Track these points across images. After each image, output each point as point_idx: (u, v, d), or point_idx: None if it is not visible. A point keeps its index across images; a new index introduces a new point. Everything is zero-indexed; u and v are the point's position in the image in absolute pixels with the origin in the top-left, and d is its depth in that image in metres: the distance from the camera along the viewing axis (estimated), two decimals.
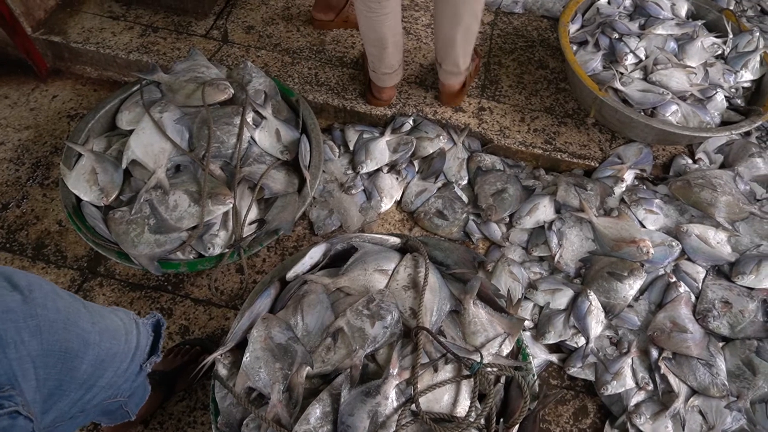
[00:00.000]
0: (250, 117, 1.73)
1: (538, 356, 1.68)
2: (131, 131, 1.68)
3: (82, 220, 1.57)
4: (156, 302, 1.69)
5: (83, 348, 0.86)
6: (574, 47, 2.22)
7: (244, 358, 1.14)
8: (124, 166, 1.64)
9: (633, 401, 1.60)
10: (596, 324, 1.67)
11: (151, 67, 1.84)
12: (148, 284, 1.73)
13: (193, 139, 1.68)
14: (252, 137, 1.73)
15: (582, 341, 1.68)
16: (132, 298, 1.69)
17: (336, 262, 1.37)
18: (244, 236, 1.59)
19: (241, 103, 1.74)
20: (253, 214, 1.65)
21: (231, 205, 1.58)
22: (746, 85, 2.21)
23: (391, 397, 1.09)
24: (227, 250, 1.58)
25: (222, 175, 1.66)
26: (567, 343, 1.69)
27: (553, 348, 1.72)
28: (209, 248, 1.56)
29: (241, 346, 1.20)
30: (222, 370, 1.19)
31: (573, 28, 2.27)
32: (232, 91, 1.76)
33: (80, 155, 1.67)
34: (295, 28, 2.33)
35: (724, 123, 2.08)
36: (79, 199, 1.62)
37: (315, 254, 1.33)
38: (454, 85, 2.03)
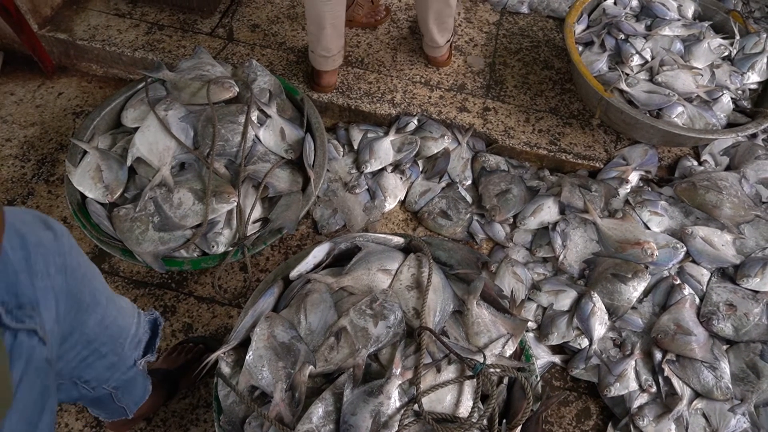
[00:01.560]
0: (254, 115, 1.74)
1: (541, 357, 1.68)
2: (136, 129, 1.68)
3: (87, 217, 1.58)
4: (160, 300, 1.69)
5: (93, 305, 0.89)
6: (580, 48, 2.22)
7: (247, 357, 1.14)
8: (128, 163, 1.64)
9: (636, 403, 1.59)
10: (600, 326, 1.67)
11: (156, 65, 1.84)
12: (152, 281, 1.73)
13: (197, 137, 1.69)
14: (256, 136, 1.73)
15: (585, 343, 1.67)
16: (136, 296, 1.70)
17: (339, 261, 1.37)
18: (247, 235, 1.59)
19: (245, 101, 1.74)
20: (257, 212, 1.65)
21: (235, 204, 1.58)
22: (753, 87, 2.20)
23: (393, 397, 1.09)
24: (231, 248, 1.58)
25: (226, 173, 1.66)
26: (570, 344, 1.69)
27: (557, 349, 1.71)
28: (213, 246, 1.57)
29: (245, 344, 1.20)
30: (225, 369, 1.19)
31: (579, 28, 2.27)
32: (237, 89, 1.76)
33: (85, 152, 1.68)
34: (300, 26, 2.33)
35: (731, 125, 2.07)
36: (84, 196, 1.63)
37: (318, 253, 1.33)
38: (437, 57, 2.22)
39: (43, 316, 0.72)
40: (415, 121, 2.08)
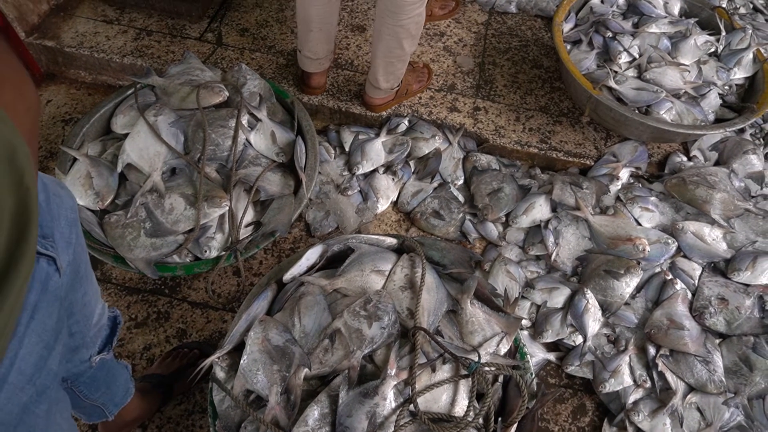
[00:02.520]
0: (245, 119, 1.73)
1: (536, 355, 1.68)
2: (126, 135, 1.68)
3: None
4: (153, 306, 1.69)
5: (83, 278, 0.90)
6: (568, 46, 2.23)
7: (242, 361, 1.14)
8: (119, 170, 1.63)
9: (631, 399, 1.60)
10: (593, 322, 1.67)
11: (145, 71, 1.83)
12: (144, 288, 1.72)
13: (188, 142, 1.68)
14: (247, 140, 1.73)
15: (579, 339, 1.68)
16: (129, 302, 1.69)
17: (333, 263, 1.37)
18: (240, 239, 1.59)
19: (236, 105, 1.74)
20: (249, 216, 1.65)
21: (227, 208, 1.58)
22: (739, 82, 2.22)
23: (389, 398, 1.09)
24: (224, 252, 1.57)
25: (218, 177, 1.66)
26: (565, 341, 1.69)
27: (551, 347, 1.72)
28: (206, 251, 1.56)
29: (239, 348, 1.19)
30: (220, 373, 1.19)
31: (567, 27, 2.28)
32: (227, 93, 1.76)
33: (75, 160, 1.67)
34: (289, 29, 2.33)
35: (718, 120, 2.09)
36: None
37: (312, 256, 1.33)
38: (373, 98, 2.02)
39: (60, 254, 0.74)
40: (406, 122, 2.09)
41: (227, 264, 1.60)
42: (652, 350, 1.65)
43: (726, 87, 2.18)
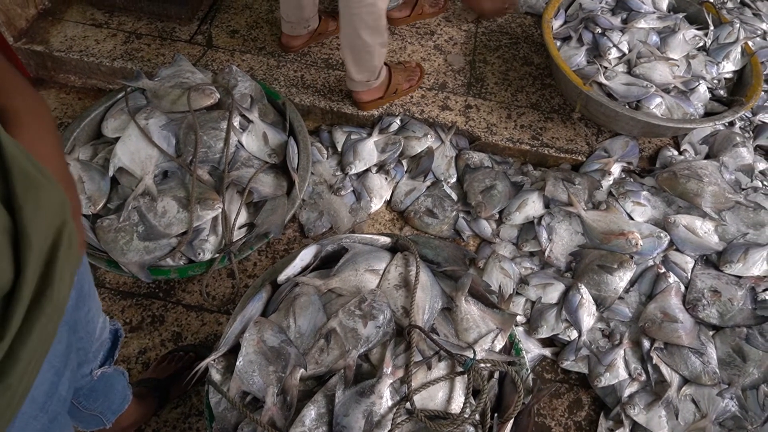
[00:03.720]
0: (236, 121, 1.73)
1: (532, 351, 1.69)
2: (117, 139, 1.67)
3: None
4: (147, 310, 1.68)
5: (87, 296, 0.88)
6: (558, 43, 2.24)
7: (238, 363, 1.14)
8: (110, 173, 1.62)
9: (626, 392, 1.61)
10: (588, 317, 1.68)
11: (135, 74, 1.83)
12: (139, 292, 1.72)
13: (179, 144, 1.68)
14: (239, 141, 1.72)
15: (574, 334, 1.69)
16: (123, 307, 1.68)
17: (327, 263, 1.37)
18: (234, 240, 1.59)
19: (227, 107, 1.74)
20: (243, 218, 1.64)
21: (220, 210, 1.58)
22: (728, 76, 2.23)
23: (385, 396, 1.09)
24: (217, 255, 1.57)
25: (210, 180, 1.66)
26: (560, 336, 1.70)
27: (546, 342, 1.73)
28: (199, 254, 1.56)
29: (234, 350, 1.19)
30: (215, 375, 1.19)
31: (556, 24, 2.29)
32: (218, 95, 1.76)
33: (66, 164, 1.66)
34: (280, 30, 2.33)
35: (708, 114, 2.10)
36: None
37: (306, 256, 1.33)
38: (355, 92, 2.02)
39: None
40: (398, 121, 2.09)
41: (221, 266, 1.59)
42: (646, 343, 1.66)
43: (715, 81, 2.19)
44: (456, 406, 1.13)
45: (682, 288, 1.77)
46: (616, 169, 2.05)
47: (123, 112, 1.74)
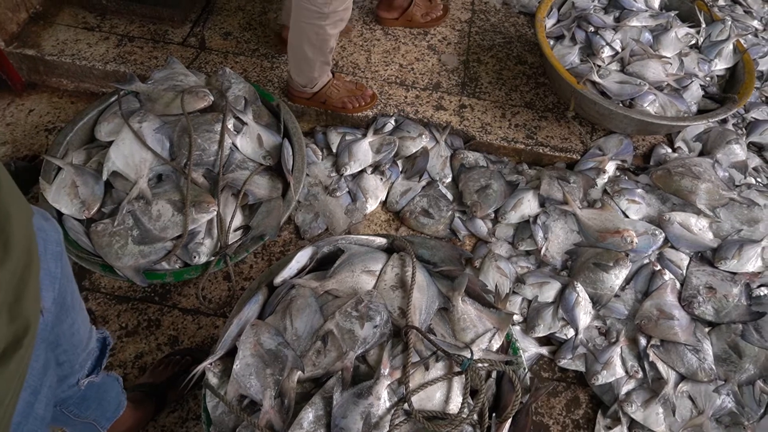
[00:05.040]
0: (230, 123, 1.73)
1: (529, 349, 1.69)
2: (111, 143, 1.66)
3: (65, 234, 1.55)
4: (143, 314, 1.67)
5: (70, 308, 0.88)
6: (551, 42, 2.25)
7: (235, 366, 1.13)
8: (104, 177, 1.62)
9: (624, 390, 1.62)
10: (584, 315, 1.69)
11: (128, 77, 1.82)
12: (134, 296, 1.71)
13: (174, 147, 1.67)
14: (234, 144, 1.72)
15: (571, 333, 1.69)
16: (119, 311, 1.67)
17: (323, 265, 1.37)
18: (229, 243, 1.58)
19: (221, 109, 1.73)
20: (238, 220, 1.64)
21: (215, 213, 1.57)
22: (720, 73, 2.24)
23: (383, 398, 1.09)
24: (213, 258, 1.57)
25: (205, 182, 1.65)
26: (556, 335, 1.70)
27: (543, 341, 1.73)
28: (195, 257, 1.55)
29: (231, 353, 1.19)
30: (213, 379, 1.18)
31: (549, 23, 2.29)
32: (212, 98, 1.75)
33: (59, 169, 1.65)
34: (273, 32, 2.33)
35: (701, 111, 2.11)
36: (60, 214, 1.60)
37: (302, 258, 1.33)
38: (289, 84, 2.02)
39: (44, 295, 0.73)
40: (393, 122, 2.09)
41: (217, 269, 1.59)
42: (642, 341, 1.66)
43: (707, 78, 2.20)
44: (454, 406, 1.13)
45: (678, 285, 1.77)
46: (610, 167, 2.06)
47: (116, 116, 1.73)
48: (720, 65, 2.22)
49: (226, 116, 1.70)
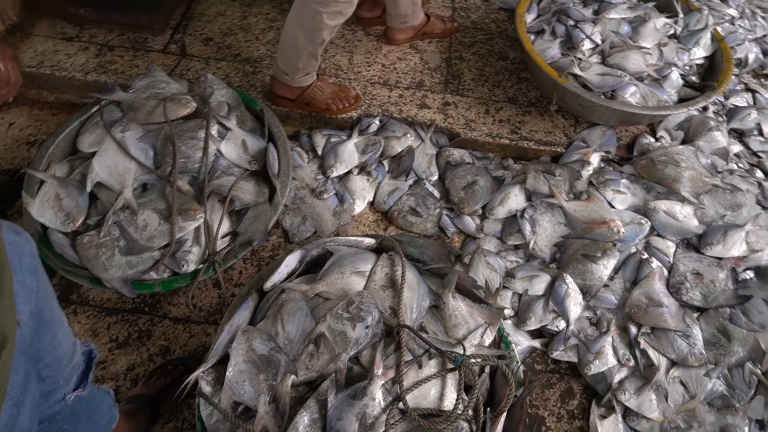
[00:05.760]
0: (214, 129, 1.72)
1: (521, 343, 1.70)
2: (94, 153, 1.65)
3: (50, 248, 1.54)
4: (134, 325, 1.66)
5: (49, 321, 0.87)
6: (532, 37, 2.26)
7: (227, 373, 1.13)
8: (88, 189, 1.60)
9: (616, 378, 1.63)
10: (575, 306, 1.70)
11: (109, 87, 1.80)
12: (124, 307, 1.69)
13: (158, 156, 1.66)
14: (218, 150, 1.71)
15: (562, 325, 1.70)
16: (109, 323, 1.66)
17: (313, 268, 1.37)
18: (217, 250, 1.57)
19: (204, 116, 1.72)
20: (225, 227, 1.63)
21: (202, 220, 1.56)
22: (699, 62, 2.27)
23: (378, 398, 1.09)
24: (202, 265, 1.56)
25: (190, 190, 1.64)
26: (548, 327, 1.71)
27: (535, 334, 1.74)
28: (183, 265, 1.54)
29: (224, 361, 1.18)
30: (206, 387, 1.18)
31: (529, 18, 2.31)
32: (195, 104, 1.74)
33: (42, 182, 1.63)
34: (254, 36, 2.32)
35: (682, 100, 2.14)
36: (44, 227, 1.58)
37: (291, 262, 1.33)
38: (274, 73, 1.98)
39: (20, 308, 0.72)
40: (377, 122, 2.09)
41: (206, 277, 1.58)
42: (633, 329, 1.68)
43: (687, 67, 2.23)
44: (449, 402, 1.14)
45: (665, 272, 1.79)
46: (595, 159, 2.07)
47: (98, 126, 1.72)
48: (698, 54, 2.25)
49: (209, 122, 1.70)
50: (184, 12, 2.37)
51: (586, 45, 2.17)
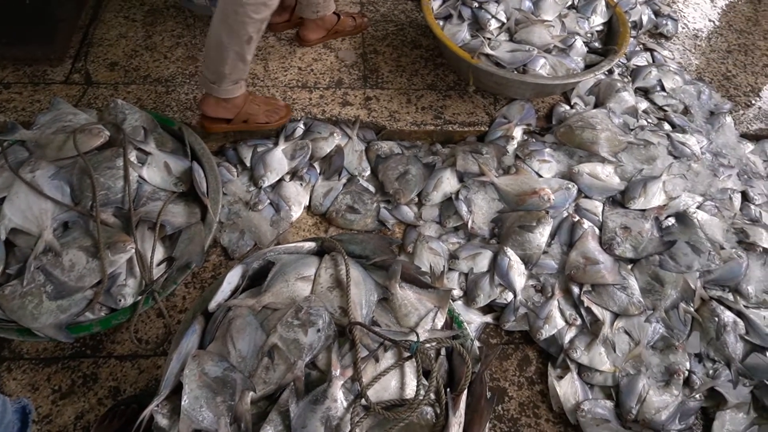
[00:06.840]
0: (133, 156, 1.65)
1: (474, 320, 1.74)
2: (3, 199, 1.55)
3: None
4: (77, 371, 1.57)
5: None
6: (441, 23, 2.30)
7: (183, 402, 1.09)
8: (2, 237, 1.50)
9: (567, 338, 1.70)
10: (519, 277, 1.76)
11: (10, 127, 1.69)
12: (63, 355, 1.60)
13: (75, 191, 1.58)
14: (140, 176, 1.64)
15: (510, 296, 1.76)
16: (48, 374, 1.56)
17: (256, 281, 1.34)
18: (155, 279, 1.52)
19: (119, 143, 1.65)
20: (160, 253, 1.58)
21: (133, 251, 1.50)
22: (599, 28, 2.40)
23: (339, 399, 1.08)
24: (140, 297, 1.50)
25: (116, 221, 1.57)
26: (497, 301, 1.76)
27: (486, 310, 1.78)
28: (120, 300, 1.48)
29: (178, 390, 1.14)
30: (163, 421, 1.13)
31: (435, 4, 2.35)
32: (108, 133, 1.66)
33: None
34: (162, 55, 2.24)
35: (588, 66, 2.24)
36: None
37: (232, 278, 1.29)
38: (202, 99, 1.86)
39: None
40: (302, 125, 2.07)
41: (147, 308, 1.52)
42: (575, 289, 1.75)
43: (588, 35, 2.34)
44: (410, 390, 1.15)
45: (597, 231, 1.88)
46: (518, 133, 2.14)
47: (4, 169, 1.61)
48: (597, 21, 2.37)
49: (126, 149, 1.63)
50: (82, 38, 2.26)
51: (493, 24, 2.24)
